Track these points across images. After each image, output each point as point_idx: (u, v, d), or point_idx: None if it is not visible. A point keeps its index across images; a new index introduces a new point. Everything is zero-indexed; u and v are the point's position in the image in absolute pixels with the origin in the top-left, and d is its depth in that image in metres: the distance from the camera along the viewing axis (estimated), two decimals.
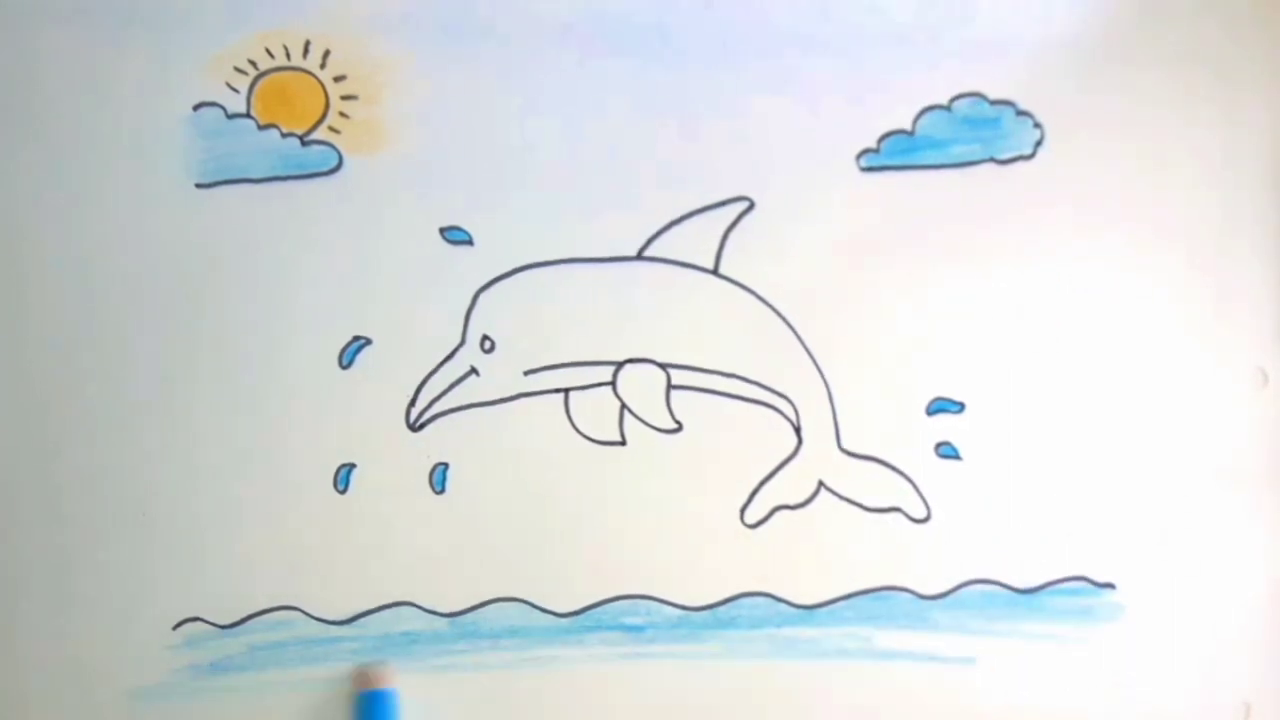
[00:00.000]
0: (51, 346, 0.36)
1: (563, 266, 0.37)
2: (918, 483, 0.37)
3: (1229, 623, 0.38)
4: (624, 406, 0.37)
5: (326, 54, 0.36)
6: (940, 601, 0.37)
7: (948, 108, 0.37)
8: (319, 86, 0.36)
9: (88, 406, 0.36)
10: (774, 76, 0.37)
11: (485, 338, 0.36)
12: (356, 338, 0.36)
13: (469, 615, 0.36)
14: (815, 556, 0.37)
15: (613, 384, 0.37)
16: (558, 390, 0.37)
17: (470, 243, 0.36)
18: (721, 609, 0.37)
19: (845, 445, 0.37)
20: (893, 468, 0.37)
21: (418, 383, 0.36)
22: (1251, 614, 0.38)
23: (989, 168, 0.37)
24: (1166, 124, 0.37)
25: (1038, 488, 0.37)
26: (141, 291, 0.36)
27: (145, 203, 0.36)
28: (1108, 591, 0.37)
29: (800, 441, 0.37)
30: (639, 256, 0.37)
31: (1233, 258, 0.38)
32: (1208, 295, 0.37)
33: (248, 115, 0.36)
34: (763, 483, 0.37)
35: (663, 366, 0.37)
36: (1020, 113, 0.37)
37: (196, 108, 0.36)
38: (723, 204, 0.37)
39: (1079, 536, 0.37)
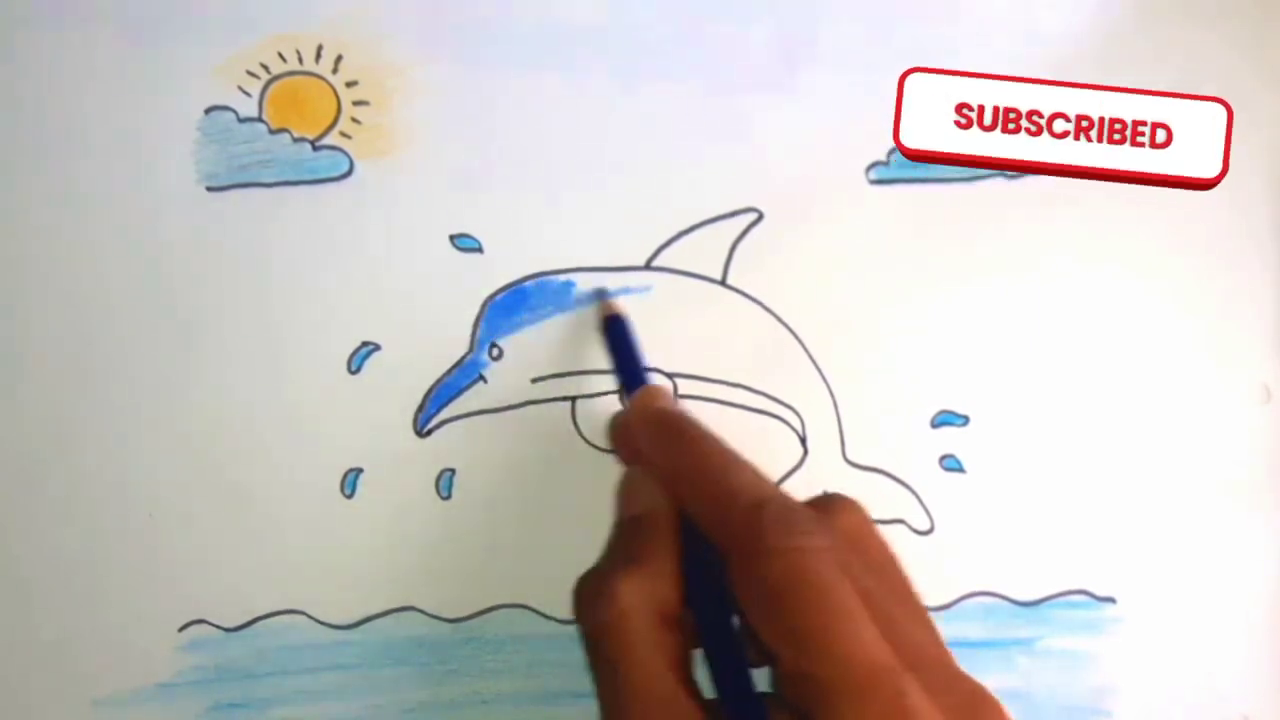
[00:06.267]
0: (58, 347, 0.36)
1: (571, 275, 0.37)
2: (922, 495, 0.37)
3: (1229, 637, 0.38)
4: None
5: (339, 59, 0.36)
6: (942, 614, 0.37)
7: None
8: (331, 91, 0.36)
9: (94, 408, 0.36)
10: (784, 88, 0.37)
11: (493, 345, 0.36)
12: (365, 343, 0.36)
13: (473, 621, 0.37)
14: None
15: (619, 393, 0.37)
16: (565, 398, 0.37)
17: (480, 250, 0.36)
18: None
19: (850, 456, 0.37)
20: (897, 479, 0.37)
21: (426, 389, 0.36)
22: (1252, 628, 0.38)
23: (998, 182, 0.37)
24: None
25: (1040, 501, 0.37)
26: (150, 294, 0.36)
27: (156, 205, 0.36)
28: (1108, 605, 0.38)
29: (806, 452, 0.37)
30: (647, 266, 0.37)
31: (1236, 274, 0.38)
32: (1211, 311, 0.38)
33: (259, 119, 0.36)
34: None
35: (669, 376, 0.37)
36: None
37: (208, 111, 0.36)
38: (731, 215, 0.37)
39: (1081, 550, 0.38)
